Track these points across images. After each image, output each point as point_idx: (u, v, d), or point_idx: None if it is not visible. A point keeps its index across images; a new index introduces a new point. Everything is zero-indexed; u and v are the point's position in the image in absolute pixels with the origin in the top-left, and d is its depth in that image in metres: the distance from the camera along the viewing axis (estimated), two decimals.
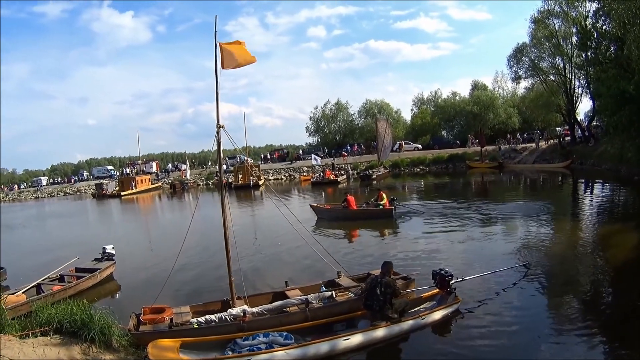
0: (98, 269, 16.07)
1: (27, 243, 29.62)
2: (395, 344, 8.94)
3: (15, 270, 18.19)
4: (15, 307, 11.99)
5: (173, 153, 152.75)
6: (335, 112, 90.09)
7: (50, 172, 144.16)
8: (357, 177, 56.94)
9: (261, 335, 8.69)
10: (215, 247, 18.83)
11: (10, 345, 8.37)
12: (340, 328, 9.31)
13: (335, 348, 8.40)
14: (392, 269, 9.70)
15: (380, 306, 8.96)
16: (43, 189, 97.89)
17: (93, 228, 36.25)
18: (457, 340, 8.92)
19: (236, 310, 9.93)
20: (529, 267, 12.79)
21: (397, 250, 16.82)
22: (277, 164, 76.94)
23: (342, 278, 11.83)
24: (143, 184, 74.11)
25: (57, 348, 8.48)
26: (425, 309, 10.02)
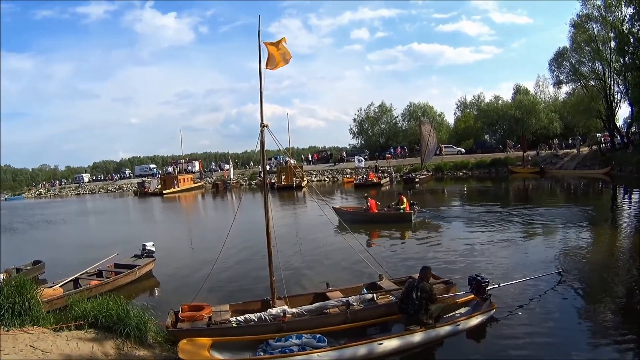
0: (137, 265, 16.27)
1: (68, 238, 30.39)
2: (429, 349, 8.93)
3: (55, 264, 18.71)
4: (51, 300, 12.18)
5: (216, 153, 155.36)
6: (379, 115, 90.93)
7: (92, 169, 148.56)
8: (400, 180, 56.95)
9: (294, 337, 8.64)
10: (255, 247, 19.00)
11: (43, 337, 8.46)
12: (375, 332, 9.33)
13: (368, 352, 8.36)
14: (430, 274, 9.76)
15: (415, 310, 9.00)
16: (84, 186, 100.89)
17: (134, 225, 36.96)
18: (491, 347, 8.90)
19: (276, 310, 9.92)
20: (563, 274, 12.68)
21: (437, 253, 16.81)
22: (320, 166, 77.23)
23: (384, 281, 11.78)
24: (185, 183, 75.46)
25: (90, 342, 8.53)
26: (460, 314, 10.02)
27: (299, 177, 58.62)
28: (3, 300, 9.35)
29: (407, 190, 44.82)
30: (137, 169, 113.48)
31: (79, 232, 34.04)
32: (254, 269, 16.04)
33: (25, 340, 8.21)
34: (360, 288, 11.51)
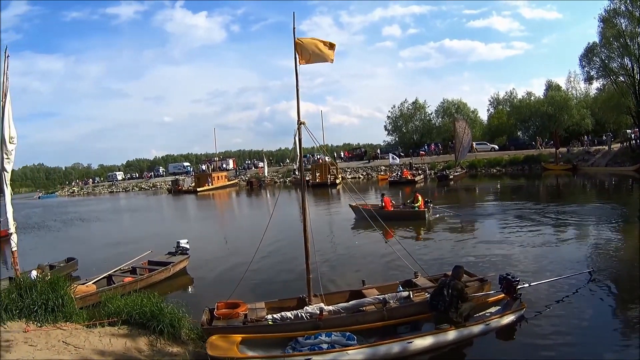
0: (171, 262, 16.45)
1: (101, 236, 30.88)
2: (459, 348, 8.96)
3: (88, 261, 19.06)
4: (84, 296, 12.39)
5: (250, 151, 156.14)
6: (413, 112, 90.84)
7: (126, 168, 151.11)
8: (434, 177, 57.03)
9: (323, 334, 8.72)
10: (290, 244, 19.26)
11: (76, 333, 8.60)
12: (404, 331, 9.42)
13: (398, 350, 8.46)
14: (462, 273, 9.87)
15: (445, 307, 9.07)
16: (118, 184, 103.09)
17: (168, 223, 37.48)
18: (520, 347, 8.90)
19: (313, 307, 9.93)
20: (594, 273, 12.55)
21: (469, 251, 16.90)
22: (355, 163, 77.20)
23: (419, 278, 11.76)
24: (219, 181, 76.44)
25: (123, 338, 8.61)
26: (490, 314, 10.04)
27: (333, 174, 58.82)
28: (36, 296, 9.49)
29: (441, 187, 45.36)
30: (171, 167, 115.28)
31: (113, 229, 34.57)
32: (288, 266, 16.24)
33: (58, 336, 8.34)
34: (396, 286, 11.55)
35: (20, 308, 9.25)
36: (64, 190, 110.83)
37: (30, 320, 9.10)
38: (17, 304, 9.29)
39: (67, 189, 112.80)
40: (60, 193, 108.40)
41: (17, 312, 9.19)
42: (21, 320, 9.05)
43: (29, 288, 9.69)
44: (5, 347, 7.49)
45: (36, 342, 7.89)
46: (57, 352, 7.60)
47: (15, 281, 11.20)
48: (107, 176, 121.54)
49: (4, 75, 12.40)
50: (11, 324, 8.79)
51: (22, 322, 8.99)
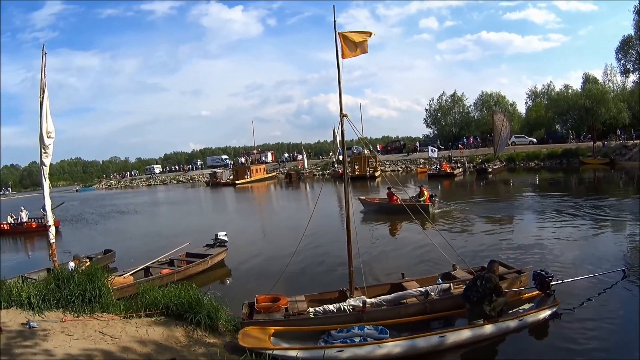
0: (209, 254, 16.64)
1: (139, 228, 31.58)
2: (492, 344, 9.01)
3: (127, 253, 19.55)
4: (121, 288, 12.64)
5: (288, 143, 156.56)
6: (451, 104, 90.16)
7: (163, 161, 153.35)
8: (473, 170, 56.58)
9: (356, 328, 8.83)
10: (329, 237, 19.47)
11: (113, 324, 8.75)
12: (437, 326, 9.48)
13: (430, 345, 8.55)
14: (497, 268, 9.95)
15: (479, 298, 9.16)
16: (156, 177, 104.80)
17: (206, 215, 37.80)
18: (553, 344, 8.92)
19: (355, 300, 9.98)
20: (628, 272, 12.39)
21: (505, 245, 17.03)
22: (394, 155, 76.89)
23: (458, 271, 11.85)
24: (258, 173, 76.86)
25: (160, 329, 8.73)
26: (524, 310, 10.12)
27: (372, 167, 58.84)
28: (74, 287, 9.71)
29: (479, 180, 45.18)
30: (209, 159, 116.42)
31: (151, 222, 35.28)
32: (325, 259, 16.39)
33: (95, 327, 8.49)
34: (435, 278, 11.63)
35: (58, 298, 9.49)
36: (101, 184, 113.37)
37: (68, 310, 9.32)
38: (55, 295, 9.53)
39: (104, 182, 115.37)
40: (97, 186, 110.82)
41: (54, 302, 9.43)
42: (58, 311, 9.26)
43: (66, 279, 9.93)
44: (42, 336, 7.65)
45: (73, 331, 8.04)
46: (94, 342, 7.72)
47: (53, 272, 11.51)
48: (144, 169, 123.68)
49: (41, 72, 12.80)
50: (49, 313, 9.02)
51: (59, 312, 9.21)
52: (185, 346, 8.33)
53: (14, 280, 11.58)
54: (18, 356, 6.79)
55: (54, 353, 7.04)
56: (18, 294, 9.42)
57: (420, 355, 8.43)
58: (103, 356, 7.23)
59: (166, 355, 7.68)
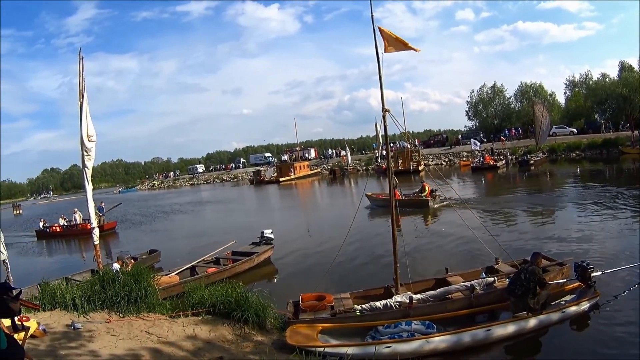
0: (255, 252, 16.68)
1: (184, 228, 31.87)
2: (536, 337, 9.04)
3: (172, 253, 19.75)
4: (167, 287, 12.71)
5: (331, 139, 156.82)
6: (492, 96, 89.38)
7: (206, 160, 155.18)
8: (515, 162, 55.85)
9: (403, 323, 8.91)
10: (371, 232, 19.58)
11: (159, 324, 8.82)
12: (482, 319, 9.58)
13: (476, 339, 8.62)
14: (540, 260, 9.98)
15: (523, 292, 9.18)
16: (199, 176, 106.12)
17: (251, 213, 37.84)
18: (594, 336, 8.92)
19: (402, 297, 10.01)
20: None
21: (547, 237, 16.83)
22: (437, 149, 76.31)
23: (501, 264, 11.83)
24: (302, 170, 77.10)
25: (207, 327, 8.78)
26: (565, 302, 10.14)
27: (415, 161, 58.47)
28: (119, 288, 9.83)
29: (522, 172, 44.80)
30: (252, 157, 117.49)
31: (195, 221, 35.61)
32: (368, 255, 16.39)
33: (141, 327, 8.56)
34: (479, 272, 11.62)
35: (103, 299, 9.61)
36: (144, 184, 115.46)
37: (113, 311, 9.42)
38: (100, 296, 9.66)
39: (147, 182, 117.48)
40: (140, 187, 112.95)
41: (99, 303, 9.54)
42: (103, 311, 9.37)
43: (111, 280, 10.07)
44: (87, 337, 7.70)
45: (118, 332, 8.11)
46: (140, 342, 7.77)
47: (97, 273, 11.64)
48: (187, 169, 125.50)
49: (80, 76, 12.99)
50: (94, 314, 9.12)
51: (104, 313, 9.32)
52: (233, 344, 8.36)
53: (58, 282, 11.71)
54: (63, 357, 6.82)
55: (99, 354, 7.09)
56: (62, 296, 9.55)
57: (466, 349, 8.52)
58: (150, 356, 7.27)
59: (214, 354, 7.68)
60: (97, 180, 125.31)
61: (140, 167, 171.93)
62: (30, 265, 22.18)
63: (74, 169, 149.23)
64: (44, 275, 12.00)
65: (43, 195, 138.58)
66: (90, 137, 12.94)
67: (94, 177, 14.09)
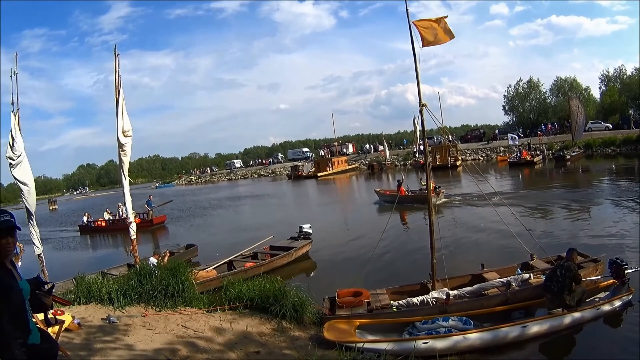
0: (293, 247, 16.68)
1: (223, 222, 32.10)
2: (570, 334, 9.04)
3: (210, 247, 19.96)
4: (205, 282, 12.79)
5: (368, 134, 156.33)
6: (528, 91, 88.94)
7: (243, 155, 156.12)
8: (551, 157, 55.07)
9: (441, 319, 8.96)
10: (409, 228, 19.72)
11: (196, 318, 8.85)
12: (518, 316, 9.61)
13: (514, 334, 8.65)
14: (575, 256, 9.91)
15: (559, 288, 9.19)
16: (236, 171, 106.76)
17: (289, 208, 38.12)
18: (628, 335, 8.79)
19: (438, 293, 10.00)
20: None
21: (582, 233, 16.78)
22: (474, 144, 75.60)
23: (536, 260, 11.72)
24: (340, 165, 77.10)
25: (245, 322, 8.78)
26: (599, 299, 10.06)
27: (453, 156, 58.10)
28: (156, 282, 9.94)
29: (558, 168, 44.40)
30: (290, 152, 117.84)
31: (233, 216, 35.84)
32: (404, 251, 16.42)
33: (177, 320, 8.60)
34: (515, 268, 11.57)
35: (139, 293, 9.74)
36: (181, 180, 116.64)
37: (149, 305, 9.52)
38: (136, 290, 9.78)
39: (184, 177, 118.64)
40: (177, 182, 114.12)
41: (135, 297, 9.67)
42: (140, 305, 9.47)
43: (148, 274, 10.19)
44: (123, 330, 7.73)
45: (154, 326, 8.16)
46: (176, 336, 7.79)
47: (134, 268, 11.71)
48: (225, 164, 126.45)
49: (115, 73, 13.20)
50: (129, 308, 9.18)
51: (140, 307, 9.41)
52: (270, 339, 8.36)
53: (94, 276, 11.81)
54: (98, 351, 6.83)
55: (135, 347, 7.12)
56: (97, 290, 9.65)
57: (503, 345, 8.53)
58: (186, 350, 7.28)
59: (251, 348, 7.68)
60: (134, 176, 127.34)
61: (177, 162, 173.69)
62: (70, 260, 22.50)
63: (110, 164, 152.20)
64: (82, 269, 12.18)
65: (79, 191, 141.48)
66: (125, 132, 13.07)
67: (130, 172, 14.25)
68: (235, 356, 7.36)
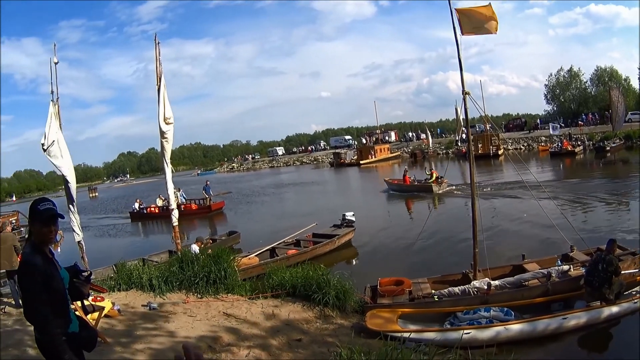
0: (336, 235, 16.64)
1: (265, 209, 32.24)
2: (607, 328, 9.02)
3: (253, 234, 20.08)
4: (247, 269, 12.83)
5: (410, 122, 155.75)
6: (569, 80, 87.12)
7: (285, 143, 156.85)
8: (592, 148, 53.95)
9: (482, 309, 9.05)
10: (451, 218, 19.48)
11: (237, 305, 8.88)
12: (556, 307, 9.66)
13: (554, 326, 8.69)
14: (615, 247, 9.82)
15: (600, 283, 9.12)
16: (278, 159, 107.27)
17: (331, 195, 38.00)
18: None
19: (480, 283, 10.00)
20: None
21: (620, 225, 16.58)
22: (516, 133, 74.83)
23: (576, 252, 11.62)
24: (382, 153, 76.75)
25: (287, 309, 8.80)
26: (637, 292, 10.00)
27: (495, 145, 57.59)
28: (198, 269, 10.00)
29: (598, 159, 43.53)
30: (333, 140, 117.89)
31: (275, 203, 36.05)
32: (445, 240, 16.32)
33: (219, 307, 8.65)
34: (555, 260, 11.46)
35: (181, 280, 9.82)
36: (222, 167, 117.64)
37: (191, 292, 9.58)
38: (178, 277, 9.85)
39: (225, 165, 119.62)
40: (219, 169, 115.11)
41: (177, 284, 9.75)
42: (181, 292, 9.52)
43: (190, 261, 10.24)
44: (164, 317, 7.77)
45: (196, 312, 8.20)
46: (217, 323, 7.81)
47: (176, 255, 11.77)
48: (267, 152, 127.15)
49: (156, 61, 13.32)
50: (170, 295, 9.23)
51: (181, 293, 9.47)
52: (312, 326, 8.38)
53: (135, 262, 11.92)
54: (139, 337, 6.84)
55: (176, 334, 7.15)
56: (138, 276, 9.72)
57: (542, 337, 8.57)
58: (227, 337, 7.27)
59: (293, 335, 7.68)
60: (175, 163, 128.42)
61: (219, 150, 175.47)
62: (113, 246, 23.07)
63: (151, 152, 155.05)
64: (124, 256, 12.34)
65: (119, 178, 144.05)
66: (167, 119, 13.13)
67: (172, 160, 14.38)
68: (277, 343, 7.34)
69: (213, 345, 6.88)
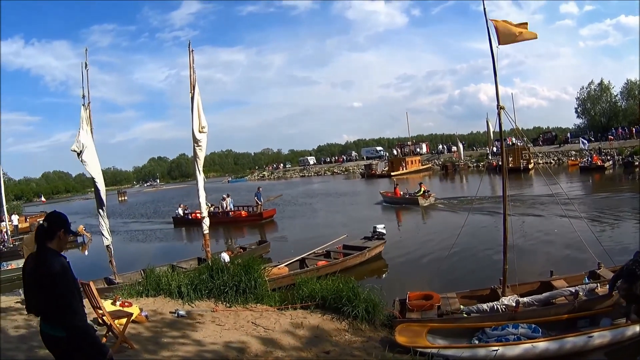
0: (367, 247, 16.58)
1: (296, 219, 32.34)
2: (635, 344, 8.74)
3: (282, 244, 20.18)
4: (276, 279, 12.75)
5: (442, 134, 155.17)
6: (599, 94, 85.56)
7: (317, 152, 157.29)
8: (621, 163, 53.20)
9: (510, 326, 8.91)
10: (480, 232, 19.28)
11: (266, 315, 8.88)
12: (584, 324, 9.49)
13: (581, 344, 8.57)
14: None
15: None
16: (310, 168, 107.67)
17: (362, 207, 37.66)
18: None
19: (508, 299, 9.92)
20: None
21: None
22: (546, 147, 74.11)
23: (603, 269, 11.37)
24: (413, 165, 76.63)
25: (316, 321, 8.75)
26: None
27: (526, 158, 57.20)
28: (228, 278, 10.02)
29: (627, 174, 43.11)
30: (364, 151, 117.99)
31: (307, 213, 35.95)
32: (474, 255, 16.21)
33: (248, 317, 8.64)
34: (582, 277, 11.37)
35: (210, 288, 9.85)
36: (253, 175, 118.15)
37: (220, 300, 9.59)
38: (207, 285, 9.88)
39: (256, 173, 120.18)
40: (250, 177, 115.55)
41: (206, 292, 9.78)
42: (210, 300, 9.55)
43: (220, 270, 10.25)
44: (191, 325, 7.80)
45: (224, 321, 8.21)
46: (246, 333, 7.81)
47: (206, 263, 11.79)
48: (298, 161, 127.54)
49: (190, 68, 13.44)
50: (199, 303, 9.25)
51: (210, 302, 9.51)
52: (341, 339, 8.31)
53: (164, 269, 11.97)
54: (166, 345, 6.88)
55: (203, 343, 7.17)
56: (167, 283, 9.76)
57: (570, 354, 8.43)
58: (255, 347, 7.27)
59: (321, 347, 7.63)
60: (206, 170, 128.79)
61: (250, 157, 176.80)
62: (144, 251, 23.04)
63: (182, 158, 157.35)
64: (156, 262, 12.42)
65: (149, 183, 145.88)
66: (202, 128, 13.20)
67: (203, 167, 14.40)
68: (305, 355, 7.32)
69: (241, 355, 6.87)
